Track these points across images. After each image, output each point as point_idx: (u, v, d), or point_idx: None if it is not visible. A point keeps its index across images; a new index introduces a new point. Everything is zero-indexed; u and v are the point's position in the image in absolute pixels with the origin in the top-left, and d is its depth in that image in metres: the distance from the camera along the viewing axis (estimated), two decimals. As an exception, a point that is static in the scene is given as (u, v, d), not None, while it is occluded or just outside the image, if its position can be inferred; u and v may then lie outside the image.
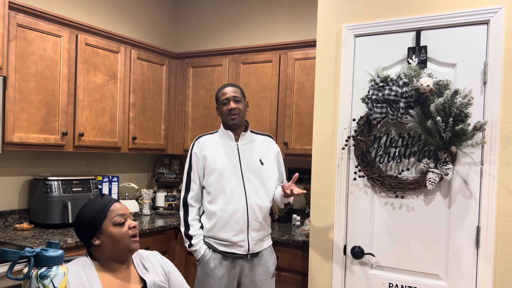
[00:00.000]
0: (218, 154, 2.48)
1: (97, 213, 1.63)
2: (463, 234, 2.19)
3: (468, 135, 2.08)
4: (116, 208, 1.65)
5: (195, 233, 2.46)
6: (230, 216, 2.41)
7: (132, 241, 1.63)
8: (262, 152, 2.53)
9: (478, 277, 2.15)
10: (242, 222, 2.41)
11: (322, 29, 2.55)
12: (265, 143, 2.57)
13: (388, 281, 2.35)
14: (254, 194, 2.45)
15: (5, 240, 2.62)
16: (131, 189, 3.81)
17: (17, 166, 3.09)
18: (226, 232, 2.41)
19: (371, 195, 2.40)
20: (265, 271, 2.47)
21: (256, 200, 2.44)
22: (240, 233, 2.41)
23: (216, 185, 2.45)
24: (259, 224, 2.45)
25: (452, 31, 2.22)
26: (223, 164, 2.45)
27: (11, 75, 2.64)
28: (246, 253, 2.43)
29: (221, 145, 2.51)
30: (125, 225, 1.63)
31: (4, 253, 1.29)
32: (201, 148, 2.51)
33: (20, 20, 2.68)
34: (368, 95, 2.27)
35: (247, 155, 2.49)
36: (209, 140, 2.54)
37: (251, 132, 2.58)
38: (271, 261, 2.52)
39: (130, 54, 3.43)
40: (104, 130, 3.23)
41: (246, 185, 2.44)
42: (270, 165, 2.54)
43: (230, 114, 2.46)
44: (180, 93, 3.86)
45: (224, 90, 2.51)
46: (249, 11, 3.95)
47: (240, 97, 2.49)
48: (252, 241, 2.43)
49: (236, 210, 2.41)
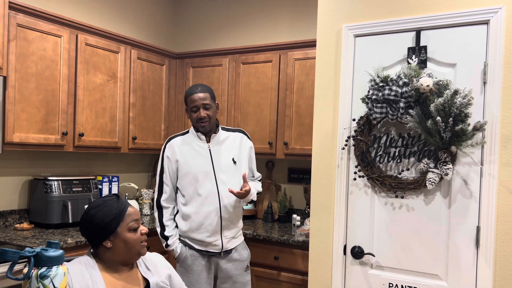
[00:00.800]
0: (190, 157, 2.50)
1: (114, 216, 1.62)
2: (463, 234, 2.19)
3: (468, 135, 2.08)
4: (131, 212, 1.66)
5: (170, 233, 2.52)
6: (204, 219, 2.47)
7: (142, 246, 1.67)
8: (234, 150, 2.56)
9: (478, 277, 2.15)
10: (216, 223, 2.47)
11: (322, 29, 2.55)
12: (237, 140, 2.59)
13: (388, 281, 2.35)
14: (227, 194, 2.48)
15: (5, 240, 2.62)
16: (131, 189, 3.82)
17: (17, 166, 3.09)
18: (200, 233, 2.48)
19: (371, 195, 2.40)
20: (240, 265, 2.56)
21: (229, 200, 2.50)
22: (214, 234, 2.48)
23: (190, 189, 2.49)
24: (232, 224, 2.53)
25: (452, 31, 2.22)
26: (196, 168, 2.48)
27: (11, 75, 2.64)
28: (220, 251, 2.51)
29: (193, 147, 2.53)
30: (138, 230, 1.66)
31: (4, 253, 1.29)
32: (173, 152, 2.53)
33: (20, 20, 2.68)
34: (368, 95, 2.27)
35: (219, 156, 2.52)
36: (180, 142, 2.55)
37: (222, 130, 2.59)
38: (245, 255, 2.60)
39: (130, 54, 3.43)
40: (104, 130, 3.23)
41: (219, 187, 2.48)
42: (243, 162, 2.58)
43: (200, 122, 2.48)
44: (180, 93, 3.86)
45: (193, 97, 2.48)
46: (249, 11, 3.95)
47: (209, 103, 2.48)
48: (225, 239, 2.51)
49: (210, 212, 2.47)
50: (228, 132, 2.61)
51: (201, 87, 2.52)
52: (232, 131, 2.62)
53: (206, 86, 2.56)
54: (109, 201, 1.66)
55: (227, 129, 2.64)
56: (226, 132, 2.60)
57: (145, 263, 1.74)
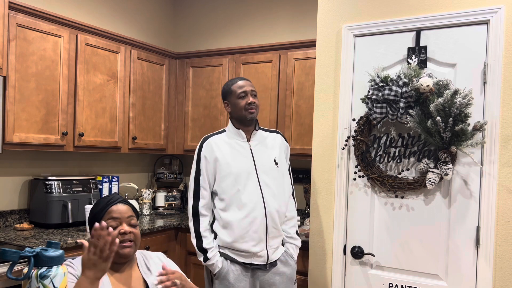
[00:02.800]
0: (231, 156, 2.26)
1: (97, 212, 1.65)
2: (463, 234, 2.19)
3: (468, 135, 2.08)
4: (113, 210, 1.64)
5: (209, 245, 2.22)
6: (249, 226, 2.20)
7: (120, 246, 1.59)
8: (275, 150, 2.34)
9: (478, 277, 2.15)
10: (262, 230, 2.22)
11: (322, 29, 2.55)
12: (276, 141, 2.39)
13: (388, 281, 2.35)
14: (272, 199, 2.26)
15: (5, 240, 2.62)
16: (131, 189, 3.81)
17: (17, 166, 3.09)
18: (245, 242, 2.20)
19: (371, 195, 2.40)
20: (287, 278, 2.31)
21: (274, 205, 2.26)
22: (259, 243, 2.22)
23: (231, 191, 2.23)
24: (277, 231, 2.29)
25: (452, 31, 2.22)
26: (238, 168, 2.24)
27: (11, 75, 2.64)
28: (265, 263, 2.25)
29: (233, 146, 2.29)
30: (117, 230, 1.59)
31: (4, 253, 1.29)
32: (211, 150, 2.27)
33: (20, 20, 2.68)
34: (368, 95, 2.27)
35: (261, 156, 2.30)
36: (219, 140, 2.30)
37: (261, 130, 2.39)
38: (292, 266, 2.34)
39: (130, 54, 3.43)
40: (104, 130, 3.23)
41: (263, 190, 2.24)
42: (284, 165, 2.37)
43: (249, 109, 2.25)
44: (180, 93, 3.86)
45: (241, 83, 2.30)
46: (249, 11, 3.95)
47: (256, 92, 2.33)
48: (271, 250, 2.26)
49: (255, 218, 2.21)
50: (267, 132, 2.41)
51: (245, 78, 2.37)
52: (270, 132, 2.42)
53: None
54: (104, 197, 1.70)
55: (264, 129, 2.42)
56: (265, 132, 2.40)
57: (146, 263, 1.74)
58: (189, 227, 2.31)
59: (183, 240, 3.40)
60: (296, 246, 2.38)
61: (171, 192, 3.97)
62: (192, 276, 3.34)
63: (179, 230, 3.41)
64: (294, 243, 2.37)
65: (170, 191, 3.99)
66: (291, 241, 2.37)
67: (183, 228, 3.38)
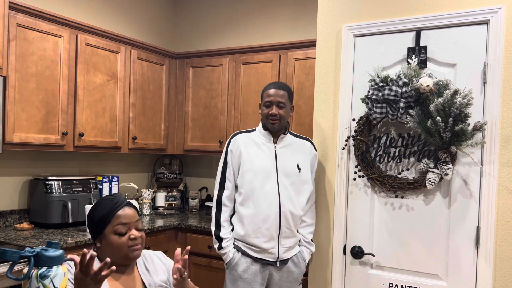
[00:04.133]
0: (254, 154, 2.36)
1: (102, 217, 1.62)
2: (463, 234, 2.19)
3: (468, 135, 2.08)
4: (121, 215, 1.62)
5: (226, 236, 2.35)
6: (262, 222, 2.30)
7: (131, 250, 1.62)
8: (300, 156, 2.40)
9: (478, 277, 2.15)
10: (274, 229, 2.30)
11: (322, 29, 2.55)
12: (304, 147, 2.44)
13: (388, 281, 2.35)
14: (288, 200, 2.33)
15: (5, 240, 2.62)
16: (131, 189, 3.81)
17: (17, 166, 3.09)
18: (256, 238, 2.31)
19: (371, 195, 2.40)
20: (293, 277, 2.39)
21: (289, 207, 2.32)
22: (270, 240, 2.31)
23: (249, 186, 2.33)
24: (291, 232, 2.35)
25: (452, 31, 2.22)
26: (259, 166, 2.33)
27: (11, 75, 2.64)
28: (275, 260, 2.34)
29: (258, 145, 2.38)
30: (127, 235, 1.61)
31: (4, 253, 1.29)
32: (238, 146, 2.38)
33: (20, 20, 2.68)
34: (368, 95, 2.27)
35: (284, 159, 2.37)
36: (246, 138, 2.41)
37: (290, 135, 2.45)
38: (302, 267, 2.42)
39: (130, 54, 3.43)
40: (104, 130, 3.23)
41: (280, 190, 2.32)
42: (307, 171, 2.40)
43: (270, 119, 2.34)
44: (180, 93, 3.86)
45: (270, 92, 2.35)
46: (249, 11, 3.95)
47: (285, 103, 2.34)
48: (283, 249, 2.34)
49: (268, 216, 2.30)
50: (296, 138, 2.46)
51: (281, 84, 2.39)
52: (300, 138, 2.47)
53: (287, 85, 2.42)
54: (104, 201, 1.66)
55: (295, 135, 2.48)
56: (294, 137, 2.45)
57: (145, 264, 1.74)
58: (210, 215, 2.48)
59: (183, 240, 3.40)
60: (310, 251, 2.46)
61: (171, 192, 3.97)
62: (192, 276, 3.34)
63: (179, 230, 3.41)
64: (310, 248, 2.46)
65: (170, 191, 3.99)
66: (307, 245, 2.45)
67: (183, 228, 3.38)
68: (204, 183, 4.17)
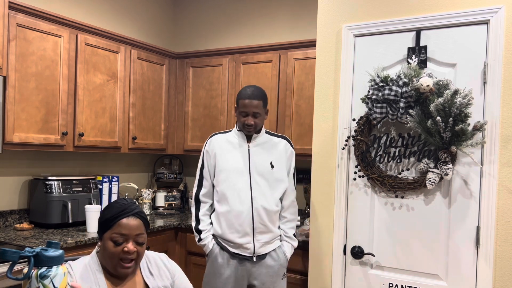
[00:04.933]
0: (228, 154, 2.46)
1: (107, 220, 1.59)
2: (463, 234, 2.19)
3: (468, 135, 2.08)
4: (123, 224, 1.57)
5: (204, 228, 2.46)
6: (235, 218, 2.38)
7: (120, 264, 1.56)
8: (274, 154, 2.47)
9: (478, 277, 2.15)
10: (247, 224, 2.38)
11: (322, 29, 2.55)
12: (279, 145, 2.50)
13: (388, 281, 2.35)
14: (260, 196, 2.40)
15: (5, 240, 2.62)
16: (131, 189, 3.81)
17: (17, 166, 3.09)
18: (231, 233, 2.39)
19: (371, 195, 2.40)
20: (274, 271, 2.43)
21: (262, 202, 2.39)
22: (245, 236, 2.38)
23: (224, 185, 2.43)
24: (265, 227, 2.41)
25: (452, 31, 2.22)
26: (232, 165, 2.43)
27: (11, 75, 2.64)
28: (252, 255, 2.40)
29: (233, 145, 2.48)
30: (121, 246, 1.56)
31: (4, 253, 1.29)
32: (213, 147, 2.49)
33: (20, 20, 2.68)
34: (368, 95, 2.27)
35: (257, 157, 2.44)
36: (221, 139, 2.51)
37: (266, 134, 2.52)
38: (281, 260, 2.46)
39: (130, 54, 3.43)
40: (104, 130, 3.23)
41: (253, 187, 2.41)
42: (281, 169, 2.47)
43: (246, 128, 2.42)
44: (180, 93, 3.86)
45: (245, 102, 2.39)
46: (249, 11, 3.95)
47: (260, 112, 2.40)
48: (258, 244, 2.40)
49: (241, 212, 2.38)
50: (272, 136, 2.53)
51: (255, 92, 2.41)
52: (276, 136, 2.54)
53: (261, 91, 2.44)
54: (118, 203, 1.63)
55: (271, 133, 2.55)
56: (270, 136, 2.52)
57: (149, 267, 1.71)
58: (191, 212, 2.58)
59: (183, 240, 3.40)
60: (291, 246, 2.51)
61: (171, 192, 3.97)
62: (192, 276, 3.34)
63: (179, 230, 3.41)
64: (291, 242, 2.50)
65: (170, 191, 3.99)
66: (288, 240, 2.50)
67: (183, 228, 3.38)
68: (204, 183, 4.16)
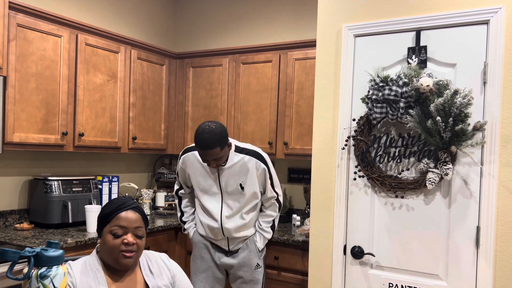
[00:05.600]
0: (200, 175, 2.61)
1: (105, 215, 1.61)
2: (463, 234, 2.19)
3: (468, 135, 2.08)
4: (121, 217, 1.59)
5: (187, 219, 2.78)
6: (209, 230, 2.66)
7: (121, 255, 1.57)
8: (244, 175, 2.55)
9: (478, 277, 2.15)
10: (220, 236, 2.65)
11: (322, 29, 2.55)
12: (249, 165, 2.53)
13: (388, 281, 2.35)
14: (228, 219, 2.60)
15: (5, 240, 2.62)
16: (131, 189, 3.82)
17: (17, 166, 3.09)
18: (208, 235, 2.69)
19: (371, 195, 2.40)
20: (245, 263, 2.66)
21: (230, 223, 2.60)
22: (221, 240, 2.67)
23: (199, 200, 2.69)
24: (237, 235, 2.64)
25: (452, 31, 2.22)
26: (204, 186, 2.62)
27: (11, 75, 2.64)
28: (227, 251, 2.69)
29: (204, 166, 2.58)
30: (121, 238, 1.57)
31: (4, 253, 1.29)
32: (185, 166, 2.67)
33: (20, 20, 2.68)
34: (368, 95, 2.27)
35: (227, 179, 2.56)
36: (193, 158, 2.61)
37: (236, 152, 2.53)
38: (251, 250, 2.67)
39: (130, 54, 3.43)
40: (104, 130, 3.23)
41: (223, 209, 2.61)
42: (252, 188, 2.57)
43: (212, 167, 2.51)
44: (180, 93, 3.86)
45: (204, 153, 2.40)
46: (249, 11, 3.95)
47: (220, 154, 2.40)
48: (232, 245, 2.67)
49: (213, 228, 2.63)
50: (241, 154, 2.53)
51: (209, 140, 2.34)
52: (246, 153, 2.54)
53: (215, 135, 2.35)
54: (116, 199, 1.67)
55: (241, 149, 2.55)
56: (239, 154, 2.53)
57: (149, 266, 1.71)
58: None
59: (183, 240, 3.40)
60: (264, 237, 2.70)
61: (171, 192, 3.97)
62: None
63: (179, 230, 3.41)
64: (264, 234, 2.70)
65: (170, 191, 3.99)
66: (261, 232, 2.70)
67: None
68: (204, 183, 4.17)
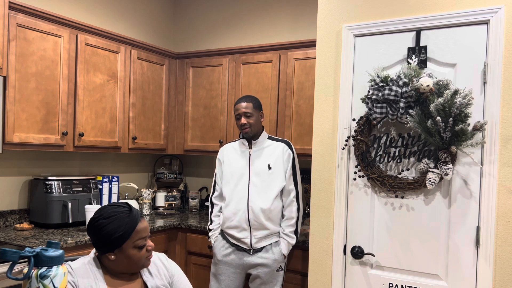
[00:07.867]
0: (233, 159, 2.83)
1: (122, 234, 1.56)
2: (463, 234, 2.19)
3: (468, 135, 2.08)
4: (140, 229, 1.60)
5: (212, 227, 2.87)
6: (233, 215, 2.73)
7: (146, 260, 1.65)
8: (273, 157, 2.76)
9: (478, 277, 2.15)
10: (244, 221, 2.70)
11: (322, 29, 2.55)
12: (278, 149, 2.78)
13: (388, 281, 2.35)
14: (256, 196, 2.70)
15: (5, 240, 2.62)
16: (131, 189, 3.81)
17: (17, 166, 3.09)
18: (231, 228, 2.75)
19: (371, 195, 2.40)
20: (269, 265, 2.69)
21: (257, 202, 2.69)
22: (242, 231, 2.72)
23: (227, 187, 2.80)
24: (260, 225, 2.69)
25: (452, 31, 2.22)
26: (234, 168, 2.80)
27: (11, 75, 2.64)
28: (249, 248, 2.71)
29: (237, 151, 2.85)
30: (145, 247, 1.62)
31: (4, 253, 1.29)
32: (222, 155, 2.90)
33: (20, 20, 2.68)
34: (368, 95, 2.27)
35: (257, 160, 2.77)
36: (229, 147, 2.91)
37: (268, 139, 2.83)
38: (275, 257, 2.70)
39: (130, 54, 3.43)
40: (104, 130, 3.23)
41: (250, 188, 2.72)
42: (278, 170, 2.74)
43: (242, 128, 2.77)
44: (180, 93, 3.86)
45: (237, 106, 2.79)
46: (249, 11, 3.95)
47: (251, 112, 2.75)
48: (255, 239, 2.70)
49: (238, 210, 2.72)
50: (273, 141, 2.83)
51: (246, 97, 2.81)
52: (276, 141, 2.83)
53: (252, 97, 2.83)
54: (120, 215, 1.59)
55: (273, 138, 2.86)
56: (271, 141, 2.83)
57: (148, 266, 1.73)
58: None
59: (183, 240, 3.40)
60: (288, 243, 2.74)
61: (171, 192, 3.97)
62: (192, 276, 3.34)
63: (179, 230, 3.41)
64: (287, 239, 2.74)
65: (170, 191, 3.99)
66: (285, 237, 2.74)
67: (183, 228, 3.38)
68: (204, 183, 4.17)
